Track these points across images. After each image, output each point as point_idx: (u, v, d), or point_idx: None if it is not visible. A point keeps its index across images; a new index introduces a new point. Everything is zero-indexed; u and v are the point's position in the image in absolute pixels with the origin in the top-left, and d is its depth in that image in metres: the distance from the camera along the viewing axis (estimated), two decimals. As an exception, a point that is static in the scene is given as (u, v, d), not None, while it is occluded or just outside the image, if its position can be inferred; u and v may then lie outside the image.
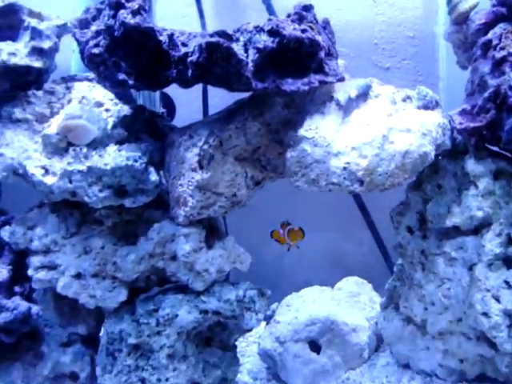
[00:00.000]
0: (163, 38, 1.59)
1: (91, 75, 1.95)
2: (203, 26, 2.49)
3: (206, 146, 1.66)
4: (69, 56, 2.13)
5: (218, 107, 1.90)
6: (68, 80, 1.93)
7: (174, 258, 1.82)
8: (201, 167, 1.68)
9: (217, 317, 1.86)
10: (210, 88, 2.30)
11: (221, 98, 1.86)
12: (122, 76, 1.64)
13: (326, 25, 1.72)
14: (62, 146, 1.68)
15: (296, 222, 1.91)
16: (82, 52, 1.82)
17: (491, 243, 1.80)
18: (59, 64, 2.02)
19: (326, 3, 2.50)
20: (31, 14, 1.84)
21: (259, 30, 1.55)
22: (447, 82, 2.59)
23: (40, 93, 1.87)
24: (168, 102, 2.21)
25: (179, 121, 2.04)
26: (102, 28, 1.63)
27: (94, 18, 1.85)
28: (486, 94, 1.70)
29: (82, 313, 2.04)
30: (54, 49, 1.84)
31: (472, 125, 1.72)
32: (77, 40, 1.84)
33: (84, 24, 1.86)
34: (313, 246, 2.25)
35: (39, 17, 1.86)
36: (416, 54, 2.62)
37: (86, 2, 2.09)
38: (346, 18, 2.58)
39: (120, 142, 1.74)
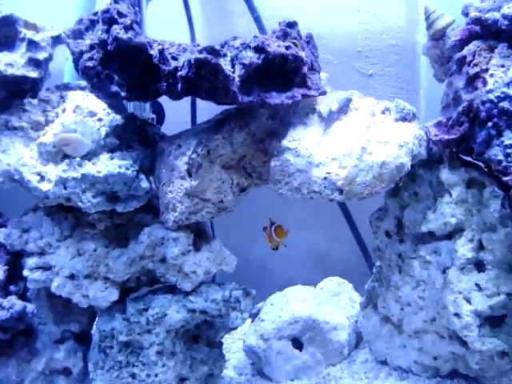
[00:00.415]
0: (154, 52, 1.65)
1: (84, 83, 2.00)
2: (192, 31, 2.55)
3: (194, 155, 1.73)
4: (61, 63, 2.17)
5: (206, 112, 1.97)
6: (62, 89, 2.00)
7: (163, 260, 1.88)
8: (189, 175, 1.75)
9: (204, 316, 1.93)
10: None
11: (208, 104, 1.92)
12: (114, 88, 1.70)
13: (310, 39, 1.80)
14: (58, 157, 1.75)
15: (281, 222, 1.99)
16: (75, 61, 1.87)
17: (463, 248, 1.86)
18: (52, 71, 2.07)
19: (311, 12, 2.59)
20: (27, 25, 1.90)
21: (245, 46, 1.63)
22: (427, 89, 2.64)
23: (35, 101, 1.94)
24: (158, 109, 2.25)
25: (168, 126, 2.09)
26: (96, 42, 1.69)
27: (87, 29, 1.90)
28: (460, 108, 1.76)
29: (75, 311, 2.09)
30: (49, 59, 1.90)
31: (447, 137, 1.78)
32: (71, 50, 1.89)
33: (77, 34, 1.90)
34: (296, 246, 2.29)
35: (34, 28, 1.91)
36: (398, 61, 2.65)
37: (80, 13, 2.18)
38: (331, 27, 2.62)
39: (112, 150, 1.81)
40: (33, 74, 1.86)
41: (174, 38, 2.46)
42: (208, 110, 1.95)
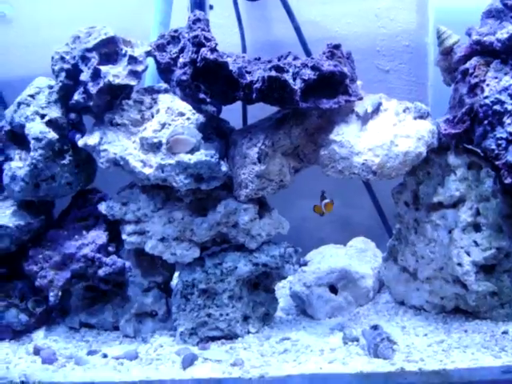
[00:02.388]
0: (233, 68, 2.09)
1: (164, 85, 2.41)
2: (242, 35, 2.90)
3: (263, 147, 2.18)
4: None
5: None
6: (150, 91, 2.38)
7: (235, 225, 2.28)
8: (259, 161, 2.18)
9: (265, 268, 2.30)
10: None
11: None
12: (201, 95, 2.14)
13: (349, 56, 2.23)
14: (169, 153, 2.15)
15: (312, 195, 2.36)
16: (160, 70, 2.29)
17: (465, 214, 2.18)
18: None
19: (338, 18, 2.93)
20: (124, 42, 2.30)
21: (304, 65, 2.07)
22: (435, 82, 2.91)
23: (131, 102, 2.32)
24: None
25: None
26: (188, 60, 2.12)
27: (169, 43, 2.32)
28: (464, 110, 2.13)
29: (158, 266, 2.46)
30: (145, 70, 2.30)
31: (453, 131, 2.16)
32: (157, 61, 2.31)
33: (161, 47, 2.33)
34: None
35: (130, 44, 2.31)
36: (410, 59, 2.92)
37: (159, 27, 2.59)
38: (354, 30, 2.92)
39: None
40: (133, 82, 2.26)
41: (223, 39, 2.89)
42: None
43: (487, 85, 2.10)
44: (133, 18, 2.94)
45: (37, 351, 2.28)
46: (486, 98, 2.09)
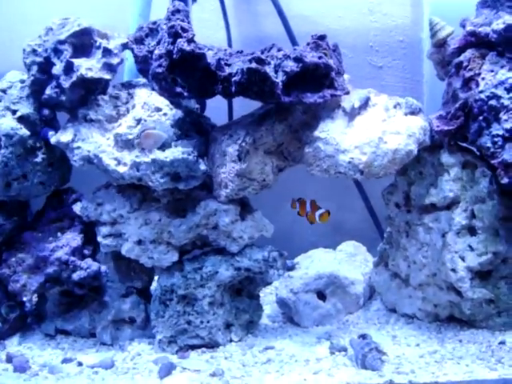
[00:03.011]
0: (212, 60, 2.00)
1: (143, 80, 2.31)
2: (228, 30, 2.82)
3: (243, 144, 2.08)
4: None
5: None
6: (127, 86, 2.29)
7: (215, 227, 2.20)
8: (239, 159, 2.09)
9: (247, 273, 2.22)
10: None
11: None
12: (178, 89, 2.06)
13: (336, 48, 2.14)
14: (131, 145, 2.07)
15: (302, 196, 2.28)
16: (138, 63, 2.22)
17: (459, 216, 2.12)
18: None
19: (329, 12, 2.86)
20: (100, 34, 2.20)
21: (287, 57, 1.98)
22: (429, 78, 2.86)
23: (106, 97, 2.23)
24: (201, 100, 2.55)
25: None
26: (164, 52, 2.03)
27: (147, 36, 2.25)
28: (457, 105, 2.06)
29: (137, 271, 2.38)
30: (120, 63, 2.20)
31: (446, 128, 2.08)
32: (134, 54, 2.24)
33: (139, 40, 2.26)
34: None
35: (105, 36, 2.21)
36: (404, 55, 2.88)
37: (138, 19, 2.50)
38: (346, 25, 2.86)
39: (175, 139, 2.12)
40: (107, 76, 2.17)
41: (209, 34, 2.81)
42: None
43: (482, 78, 2.04)
44: (116, 14, 2.84)
45: (9, 359, 2.22)
46: (481, 92, 2.02)
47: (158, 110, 2.16)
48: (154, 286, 2.44)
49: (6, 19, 3.04)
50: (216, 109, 2.50)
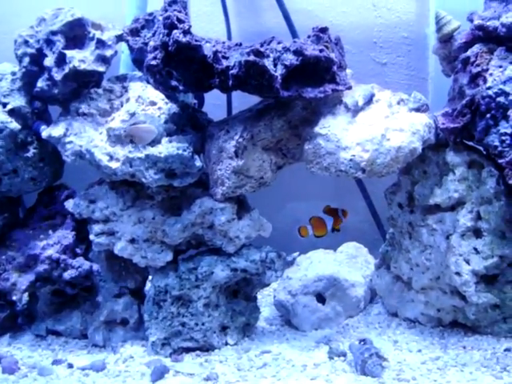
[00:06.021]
0: (208, 52, 1.93)
1: (139, 74, 2.27)
2: (227, 23, 2.77)
3: (240, 140, 2.02)
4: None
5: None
6: (122, 80, 2.25)
7: (211, 226, 2.14)
8: (236, 156, 2.03)
9: (244, 274, 2.17)
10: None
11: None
12: (174, 82, 1.99)
13: (338, 41, 2.07)
14: (124, 140, 2.01)
15: (304, 196, 2.23)
16: (133, 56, 2.17)
17: (464, 218, 2.08)
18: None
19: (332, 6, 2.81)
20: (94, 25, 2.16)
21: (286, 49, 1.91)
22: (435, 76, 2.80)
23: (100, 90, 2.19)
24: (198, 95, 2.51)
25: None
26: (159, 44, 1.96)
27: (143, 27, 2.20)
28: (464, 102, 2.01)
29: (130, 271, 2.34)
30: (114, 55, 2.16)
31: (452, 125, 2.03)
32: (130, 46, 2.18)
33: (134, 32, 2.21)
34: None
35: (100, 27, 2.17)
36: (409, 51, 2.82)
37: (135, 11, 2.44)
38: (350, 20, 2.81)
39: (170, 135, 2.07)
40: (101, 68, 2.12)
41: (208, 28, 2.75)
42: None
43: (490, 74, 1.98)
44: (114, 6, 2.78)
45: (-2, 360, 2.17)
46: (489, 88, 1.97)
47: (153, 103, 2.12)
48: (147, 286, 2.40)
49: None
50: (215, 105, 2.44)
